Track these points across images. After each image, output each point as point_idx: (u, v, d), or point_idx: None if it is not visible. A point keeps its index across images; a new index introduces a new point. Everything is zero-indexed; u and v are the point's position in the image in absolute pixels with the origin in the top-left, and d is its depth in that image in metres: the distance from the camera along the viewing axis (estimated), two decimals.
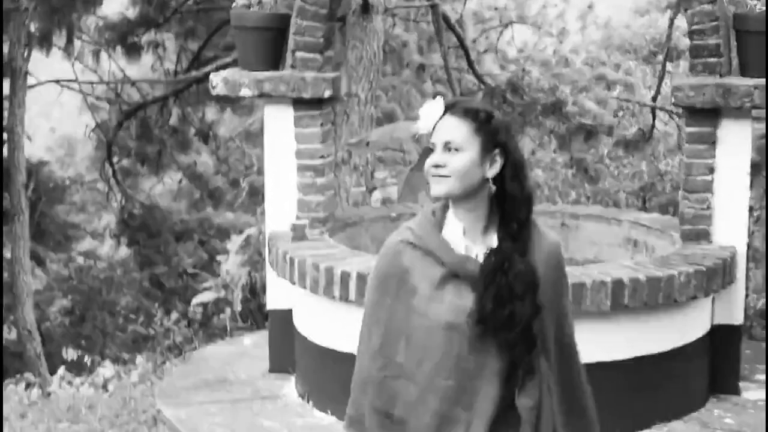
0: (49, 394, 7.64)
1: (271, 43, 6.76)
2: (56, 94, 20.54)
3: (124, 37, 16.92)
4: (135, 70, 18.09)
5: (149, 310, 18.04)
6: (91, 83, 18.19)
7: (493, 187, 3.31)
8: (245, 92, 6.69)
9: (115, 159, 18.01)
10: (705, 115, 6.25)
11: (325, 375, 6.25)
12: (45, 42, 16.52)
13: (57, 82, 18.23)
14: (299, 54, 6.67)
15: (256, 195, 18.53)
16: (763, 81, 6.10)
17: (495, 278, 3.26)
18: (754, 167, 13.59)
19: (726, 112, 6.22)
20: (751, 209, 9.49)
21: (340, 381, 6.04)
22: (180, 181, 20.82)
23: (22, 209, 15.80)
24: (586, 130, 16.49)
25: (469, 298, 3.29)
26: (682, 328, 6.07)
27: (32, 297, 16.18)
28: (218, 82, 6.72)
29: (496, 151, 3.30)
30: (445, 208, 3.39)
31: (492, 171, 3.30)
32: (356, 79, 10.81)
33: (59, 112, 27.41)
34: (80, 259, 20.81)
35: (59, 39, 16.75)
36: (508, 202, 3.31)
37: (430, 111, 3.32)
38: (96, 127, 17.94)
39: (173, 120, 18.01)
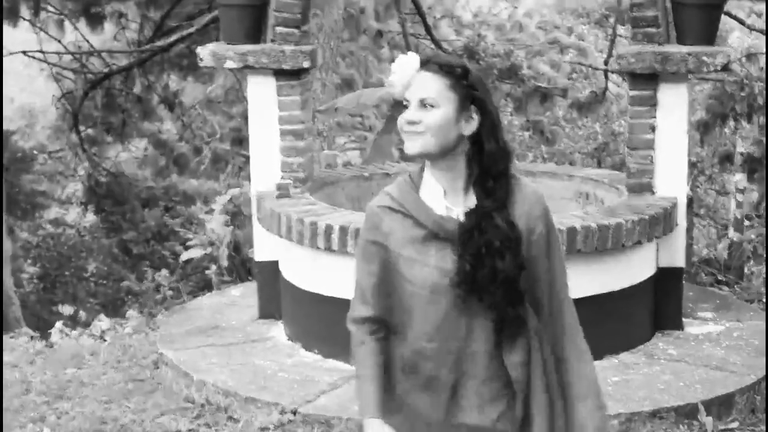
0: (51, 345, 8.25)
1: (253, 19, 7.38)
2: (18, 64, 20.85)
3: (87, 8, 17.34)
4: (97, 40, 18.43)
5: (120, 273, 18.53)
6: (58, 53, 18.44)
7: (468, 145, 3.24)
8: (230, 64, 7.34)
9: (80, 128, 18.37)
10: (645, 80, 6.96)
11: (311, 318, 6.94)
12: (12, 14, 16.94)
13: (24, 53, 18.49)
14: (279, 29, 7.31)
15: (219, 162, 19.01)
16: (697, 48, 6.82)
17: (472, 237, 3.21)
18: (705, 126, 14.28)
19: (664, 76, 6.92)
20: (695, 164, 10.23)
21: (325, 322, 6.80)
22: (145, 149, 21.19)
23: None
24: (541, 93, 16.97)
25: (452, 260, 3.25)
26: (629, 271, 6.80)
27: (10, 263, 16.62)
28: (205, 54, 7.37)
29: (473, 107, 3.23)
30: (422, 171, 3.34)
31: (468, 128, 3.23)
32: (318, 47, 11.38)
33: (15, 82, 27.62)
34: (49, 227, 21.06)
35: (26, 11, 17.19)
36: (485, 159, 3.23)
37: (404, 66, 3.24)
38: (62, 97, 18.25)
39: (137, 89, 18.40)
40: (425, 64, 3.24)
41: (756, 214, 11.95)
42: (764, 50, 13.38)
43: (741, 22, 13.93)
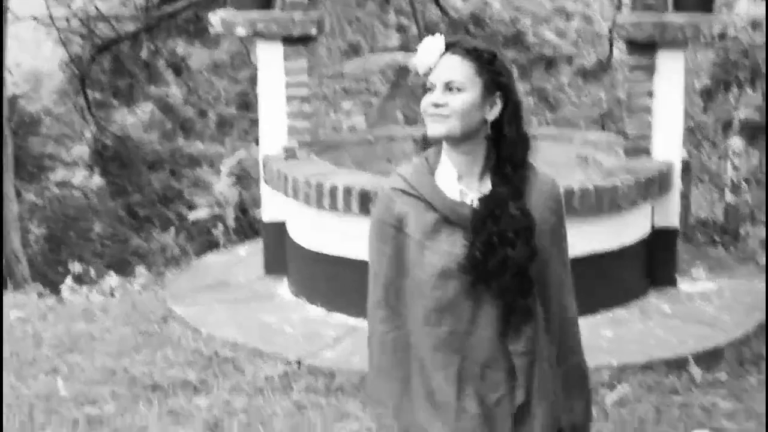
0: (62, 301, 8.47)
1: None
2: (25, 30, 20.94)
3: None
4: (104, 5, 18.56)
5: (125, 235, 18.70)
6: (67, 19, 18.54)
7: (489, 131, 3.20)
8: (240, 31, 7.53)
9: (88, 92, 18.51)
10: (644, 48, 7.15)
11: (315, 275, 7.16)
12: None
13: (35, 18, 18.59)
14: None
15: (225, 125, 19.19)
16: (694, 17, 7.00)
17: (486, 225, 3.17)
18: (708, 92, 14.42)
19: (662, 44, 7.11)
20: (692, 130, 10.41)
21: (329, 280, 7.03)
22: (152, 113, 21.32)
23: (5, 140, 16.30)
24: (546, 60, 17.10)
25: (462, 245, 3.20)
26: (625, 230, 7.01)
27: (18, 223, 16.77)
28: (216, 21, 7.55)
29: (497, 93, 3.19)
30: (438, 154, 3.28)
31: (492, 114, 3.18)
32: (324, 13, 11.53)
33: (22, 47, 27.64)
34: (55, 189, 21.17)
35: None
36: (505, 146, 3.21)
37: (430, 48, 3.18)
38: (71, 62, 18.37)
39: (144, 53, 18.53)
40: (452, 46, 3.18)
41: (755, 178, 12.14)
42: None
43: None
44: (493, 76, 3.17)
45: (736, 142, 9.90)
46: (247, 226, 9.38)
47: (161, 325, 7.35)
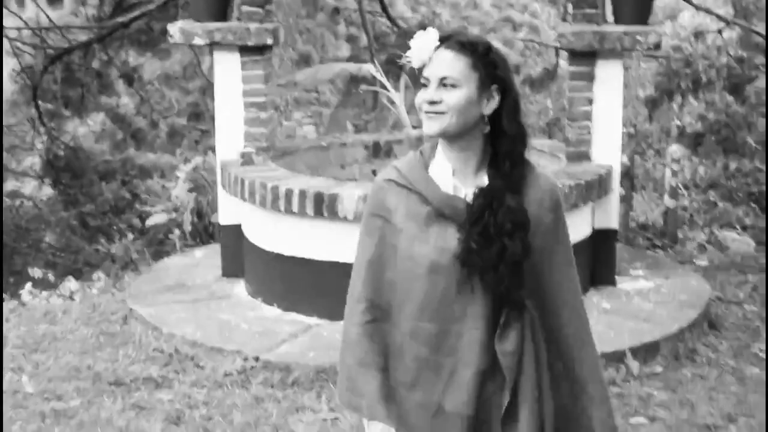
0: (23, 305, 8.69)
1: None
2: None
3: None
4: (56, 15, 18.63)
5: (78, 245, 18.77)
6: (18, 29, 18.58)
7: (488, 126, 3.16)
8: (198, 41, 7.80)
9: (39, 102, 18.58)
10: (584, 57, 7.51)
11: (272, 275, 7.44)
12: None
13: None
14: (244, 8, 7.79)
15: (176, 136, 19.33)
16: (631, 27, 7.36)
17: (483, 216, 3.11)
18: (653, 102, 14.79)
19: (601, 54, 7.47)
20: (637, 137, 10.78)
21: (284, 280, 7.32)
22: (103, 123, 21.40)
23: None
24: None
25: (454, 239, 3.15)
26: None
27: None
28: (174, 31, 7.83)
29: (494, 87, 3.13)
30: (434, 148, 3.24)
31: (489, 108, 3.13)
32: (278, 24, 11.77)
33: None
34: (6, 200, 21.15)
35: None
36: (503, 141, 3.15)
37: (424, 43, 3.11)
38: (22, 71, 18.42)
39: (96, 64, 18.64)
40: (446, 40, 3.12)
41: (693, 184, 12.53)
42: (711, 29, 13.84)
43: (688, 1, 14.35)
44: (489, 70, 3.12)
45: (675, 149, 10.29)
46: (203, 231, 9.64)
47: (122, 325, 7.62)
